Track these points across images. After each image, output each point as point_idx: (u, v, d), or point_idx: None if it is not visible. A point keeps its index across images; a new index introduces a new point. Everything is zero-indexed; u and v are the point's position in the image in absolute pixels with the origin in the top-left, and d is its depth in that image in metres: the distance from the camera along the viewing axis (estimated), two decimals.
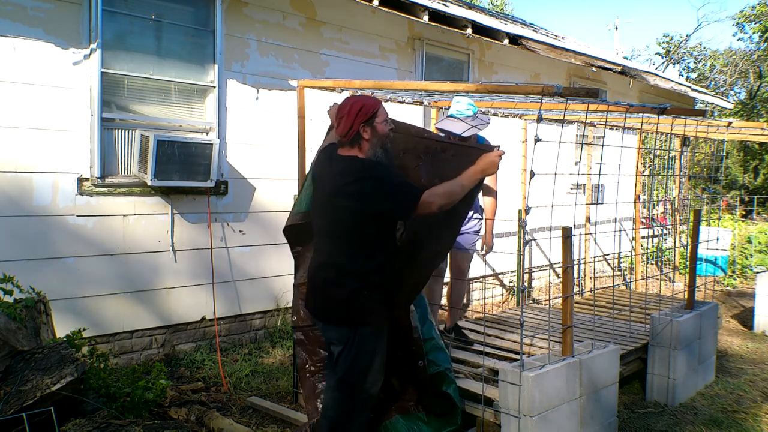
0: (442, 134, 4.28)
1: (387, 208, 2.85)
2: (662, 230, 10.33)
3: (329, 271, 2.94)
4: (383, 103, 3.01)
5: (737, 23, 23.57)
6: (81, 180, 4.48)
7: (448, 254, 4.47)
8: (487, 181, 4.05)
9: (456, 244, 4.42)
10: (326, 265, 2.96)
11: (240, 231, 5.36)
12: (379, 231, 2.92)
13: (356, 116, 2.87)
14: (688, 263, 4.82)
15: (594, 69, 8.31)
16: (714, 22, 43.88)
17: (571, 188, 8.22)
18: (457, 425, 3.53)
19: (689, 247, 4.76)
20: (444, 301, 5.22)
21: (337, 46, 6.00)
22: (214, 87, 5.13)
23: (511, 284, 7.82)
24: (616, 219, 8.15)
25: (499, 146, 3.18)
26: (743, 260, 9.97)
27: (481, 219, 4.71)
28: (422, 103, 5.16)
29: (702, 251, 8.66)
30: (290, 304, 5.32)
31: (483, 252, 4.75)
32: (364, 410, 3.04)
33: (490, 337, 4.75)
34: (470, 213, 4.46)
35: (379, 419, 3.45)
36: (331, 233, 2.96)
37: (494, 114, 5.52)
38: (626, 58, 20.86)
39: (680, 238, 10.11)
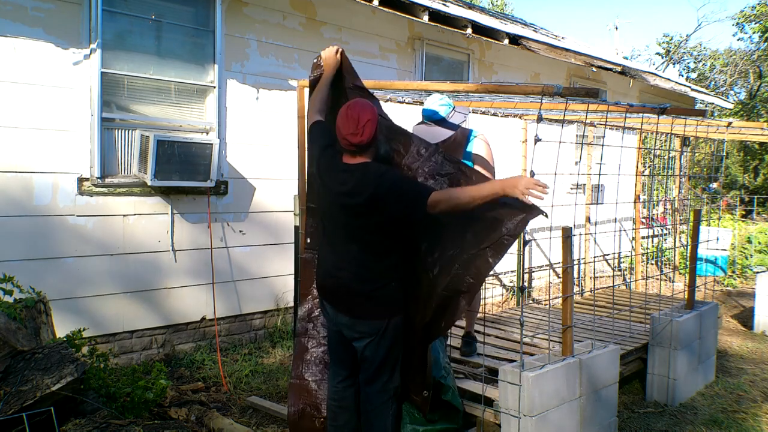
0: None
1: (400, 209, 2.83)
2: (662, 230, 10.33)
3: (354, 271, 2.94)
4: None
5: (737, 23, 23.57)
6: (81, 180, 4.48)
7: None
8: (487, 173, 3.87)
9: None
10: (350, 266, 2.95)
11: (240, 231, 5.36)
12: (400, 232, 2.94)
13: (375, 120, 2.84)
14: (688, 263, 4.82)
15: (594, 69, 8.32)
16: (714, 22, 43.74)
17: (571, 188, 8.22)
18: (458, 425, 3.53)
19: (689, 247, 4.76)
20: None
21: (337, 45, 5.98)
22: (214, 87, 5.13)
23: (511, 284, 7.82)
24: (616, 219, 8.15)
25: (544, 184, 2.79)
26: (743, 260, 9.97)
27: None
28: (422, 103, 5.15)
29: (702, 251, 8.65)
30: (290, 304, 5.32)
31: None
32: (395, 401, 3.11)
33: (490, 337, 4.75)
34: None
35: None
36: (352, 237, 2.95)
37: (494, 114, 5.52)
38: (626, 58, 20.87)
39: (680, 238, 10.11)
